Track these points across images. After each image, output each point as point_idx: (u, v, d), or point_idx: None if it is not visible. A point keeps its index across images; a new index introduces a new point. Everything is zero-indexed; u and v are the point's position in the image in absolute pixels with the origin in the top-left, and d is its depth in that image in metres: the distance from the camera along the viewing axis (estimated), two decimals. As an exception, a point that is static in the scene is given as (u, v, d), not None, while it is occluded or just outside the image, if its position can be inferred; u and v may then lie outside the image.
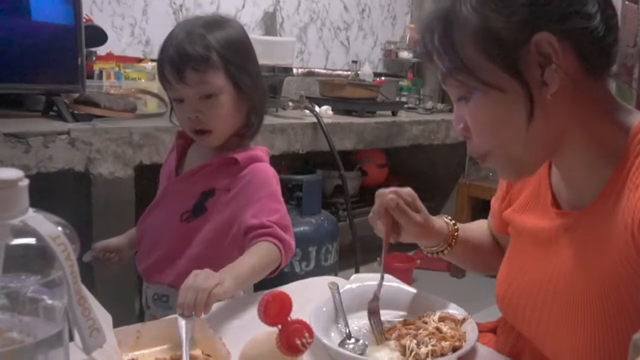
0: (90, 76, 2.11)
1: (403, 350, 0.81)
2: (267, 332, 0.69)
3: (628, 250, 0.65)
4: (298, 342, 0.66)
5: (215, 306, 0.99)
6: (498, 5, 0.68)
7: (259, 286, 1.06)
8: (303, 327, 0.67)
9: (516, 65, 0.68)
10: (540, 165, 0.81)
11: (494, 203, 1.01)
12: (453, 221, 1.02)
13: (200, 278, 0.84)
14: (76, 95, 1.87)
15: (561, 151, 0.76)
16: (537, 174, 0.86)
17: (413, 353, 0.79)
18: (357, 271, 2.64)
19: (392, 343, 0.83)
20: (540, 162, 0.80)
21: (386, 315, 0.94)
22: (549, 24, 0.67)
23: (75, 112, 1.77)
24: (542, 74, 0.68)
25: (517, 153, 0.74)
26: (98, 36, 2.16)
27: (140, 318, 1.23)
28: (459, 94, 0.75)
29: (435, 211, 3.49)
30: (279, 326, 0.67)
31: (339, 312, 0.90)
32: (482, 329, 1.01)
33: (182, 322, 0.79)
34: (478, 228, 1.08)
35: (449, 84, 0.75)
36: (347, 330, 0.86)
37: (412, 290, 1.00)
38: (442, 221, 1.01)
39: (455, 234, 1.00)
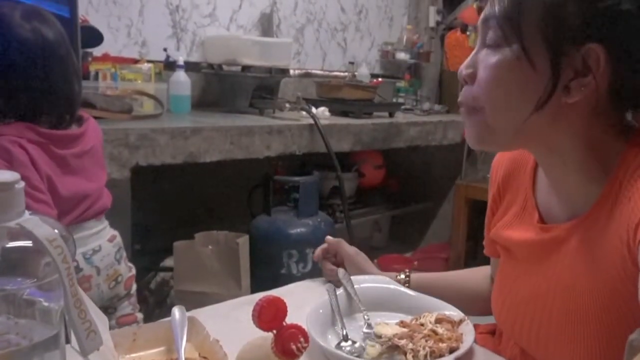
0: (86, 77, 2.11)
1: (400, 351, 0.81)
2: (263, 337, 0.69)
3: (625, 263, 0.64)
4: (293, 347, 0.66)
5: (212, 308, 0.99)
6: None
7: (258, 288, 1.06)
8: (298, 332, 0.67)
9: (560, 55, 0.65)
10: (510, 149, 0.82)
11: (485, 227, 0.98)
12: (406, 274, 1.05)
13: None
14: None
15: (555, 162, 0.75)
16: (522, 189, 0.86)
17: (410, 355, 0.79)
18: (354, 272, 2.64)
19: (389, 344, 0.83)
20: (514, 147, 0.80)
21: (383, 316, 0.94)
22: (612, 39, 0.64)
23: (72, 113, 1.77)
24: (571, 80, 0.66)
25: (504, 129, 0.72)
26: (94, 37, 2.16)
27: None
28: (492, 40, 0.70)
29: (432, 212, 3.52)
30: (274, 331, 0.67)
31: (336, 314, 0.90)
32: (482, 331, 1.01)
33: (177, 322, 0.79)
34: (471, 277, 1.08)
35: (491, 25, 0.70)
36: (344, 332, 0.86)
37: (409, 292, 1.00)
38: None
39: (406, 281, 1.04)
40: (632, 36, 0.65)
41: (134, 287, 1.62)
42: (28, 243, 0.48)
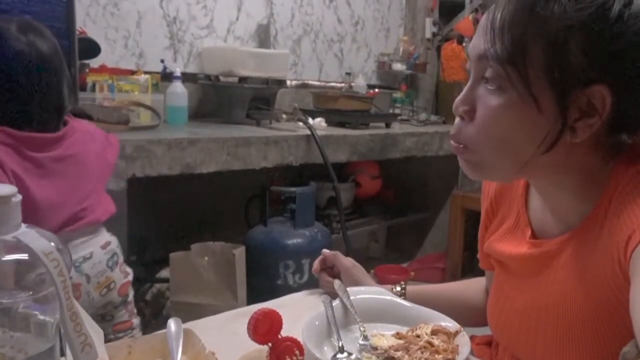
0: (84, 88, 2.11)
1: (396, 363, 0.81)
2: (258, 349, 0.69)
3: (616, 278, 0.65)
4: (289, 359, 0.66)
5: (208, 320, 0.98)
6: (591, 30, 0.61)
7: (254, 299, 1.06)
8: (294, 345, 0.68)
9: (567, 97, 0.64)
10: (507, 181, 0.84)
11: (479, 241, 0.98)
12: (401, 286, 1.05)
13: None
14: (69, 107, 1.87)
15: (550, 187, 0.76)
16: (515, 205, 0.86)
17: (406, 367, 0.79)
18: (350, 283, 2.63)
19: (385, 356, 0.83)
20: (511, 180, 0.82)
21: (379, 328, 0.94)
22: (619, 80, 0.63)
23: (69, 124, 1.77)
24: (576, 120, 0.65)
25: (503, 168, 0.72)
26: (91, 48, 2.16)
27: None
28: (493, 80, 0.67)
29: (429, 222, 3.52)
30: (270, 344, 0.67)
31: (332, 325, 0.90)
32: (479, 342, 1.01)
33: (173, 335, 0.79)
34: (467, 288, 1.08)
35: (491, 64, 0.66)
36: (340, 344, 0.86)
37: (405, 303, 1.00)
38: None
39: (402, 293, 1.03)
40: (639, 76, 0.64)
41: (131, 293, 1.61)
42: (24, 256, 0.48)
